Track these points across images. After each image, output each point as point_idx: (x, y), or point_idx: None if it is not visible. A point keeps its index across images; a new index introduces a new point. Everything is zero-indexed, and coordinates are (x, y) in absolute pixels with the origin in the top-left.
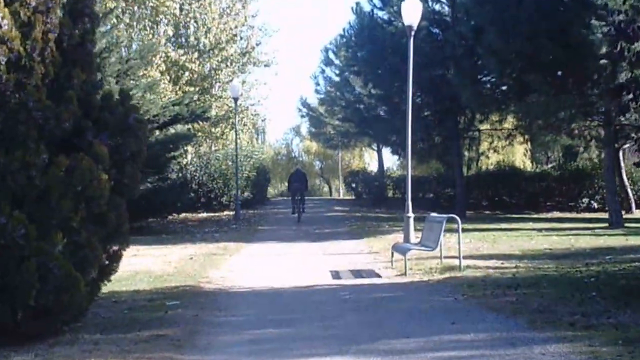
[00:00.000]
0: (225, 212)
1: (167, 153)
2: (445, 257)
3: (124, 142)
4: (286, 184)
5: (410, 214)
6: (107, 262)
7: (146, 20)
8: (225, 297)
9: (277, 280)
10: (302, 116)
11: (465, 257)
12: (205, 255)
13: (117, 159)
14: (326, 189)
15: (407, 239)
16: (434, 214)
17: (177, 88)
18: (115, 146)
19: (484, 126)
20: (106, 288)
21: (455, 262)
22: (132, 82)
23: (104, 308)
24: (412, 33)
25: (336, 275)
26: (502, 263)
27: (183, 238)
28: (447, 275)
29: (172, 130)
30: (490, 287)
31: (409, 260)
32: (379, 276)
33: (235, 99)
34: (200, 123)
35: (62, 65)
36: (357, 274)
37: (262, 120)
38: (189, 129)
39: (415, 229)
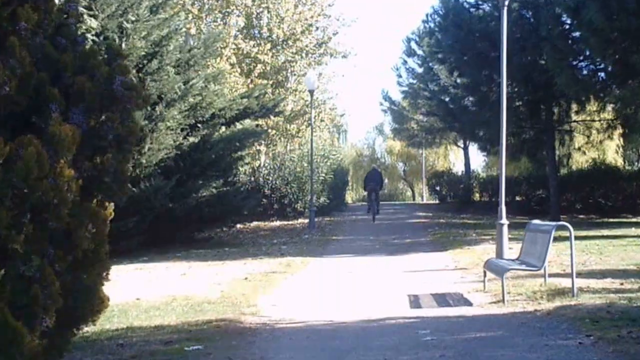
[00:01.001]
0: (300, 220)
1: (233, 152)
2: (550, 275)
3: (106, 120)
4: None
5: (504, 221)
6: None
7: (216, 12)
8: (266, 338)
9: (341, 310)
10: (384, 111)
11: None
12: (264, 274)
13: (96, 146)
14: (409, 192)
15: (500, 251)
16: (536, 221)
17: (249, 81)
18: (93, 127)
19: (581, 117)
20: (123, 322)
21: (562, 281)
22: (194, 72)
23: (101, 355)
24: (505, 5)
25: (415, 301)
26: (622, 283)
27: (246, 251)
28: (557, 303)
29: (239, 127)
30: (622, 321)
31: (497, 279)
32: (469, 303)
33: (311, 92)
34: (273, 119)
35: None
36: (442, 299)
37: (341, 116)
38: (258, 125)
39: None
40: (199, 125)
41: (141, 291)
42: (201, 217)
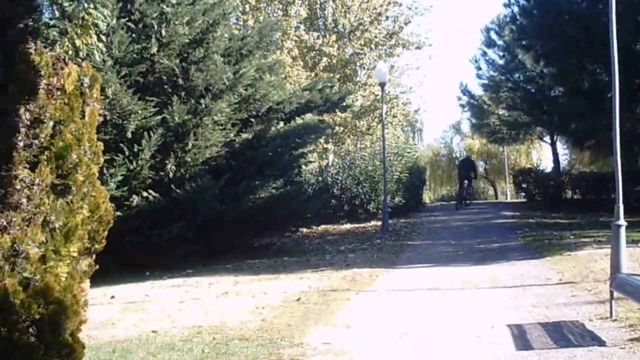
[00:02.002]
0: (372, 222)
1: (293, 150)
2: None
3: None
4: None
5: (622, 221)
6: None
7: (275, 2)
8: None
9: (418, 354)
10: (462, 106)
11: None
12: (322, 292)
13: None
14: (491, 191)
15: (617, 261)
16: None
17: (313, 75)
18: None
19: None
20: None
21: None
22: (248, 63)
23: None
24: None
25: (521, 337)
26: None
27: (307, 262)
28: None
29: (299, 122)
30: None
31: (624, 299)
32: (600, 341)
33: (382, 85)
34: (340, 114)
35: None
36: (557, 333)
37: (416, 111)
38: (322, 121)
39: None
40: (252, 120)
41: (165, 319)
42: (258, 222)
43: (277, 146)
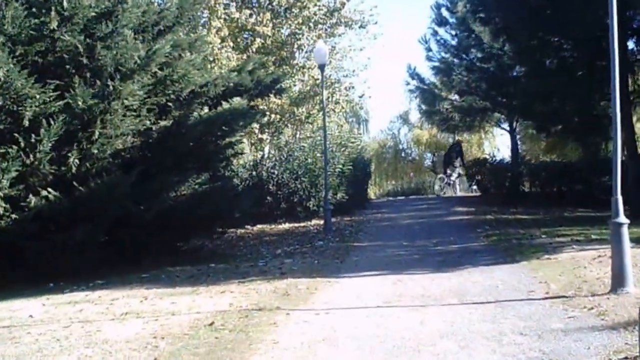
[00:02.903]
0: (314, 221)
1: (218, 139)
2: None
3: None
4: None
5: (623, 219)
6: None
7: None
8: None
9: None
10: (411, 91)
11: None
12: (244, 313)
13: None
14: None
15: (620, 269)
16: None
17: (246, 57)
18: None
19: None
20: None
21: None
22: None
23: None
24: None
25: None
26: None
27: (235, 269)
28: None
29: (226, 107)
30: None
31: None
32: None
33: (322, 67)
34: (276, 100)
35: None
36: None
37: (360, 97)
38: (254, 107)
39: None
40: (171, 104)
41: (31, 356)
42: (180, 223)
43: (198, 134)
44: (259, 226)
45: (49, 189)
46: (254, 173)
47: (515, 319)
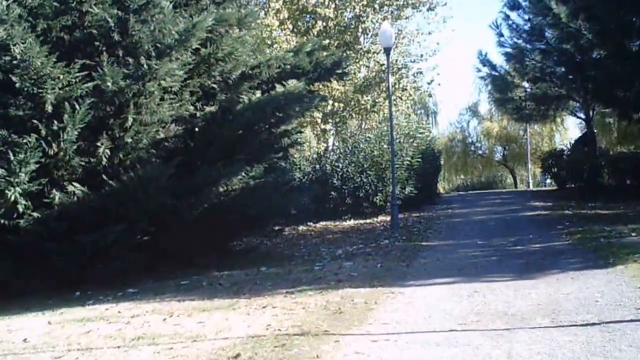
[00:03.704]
0: (380, 218)
1: (272, 127)
2: None
3: None
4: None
5: None
6: None
7: None
8: None
9: None
10: (483, 78)
11: None
12: (281, 340)
13: None
14: (509, 180)
15: None
16: None
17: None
18: None
19: None
20: None
21: None
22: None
23: None
24: None
25: None
26: None
27: (286, 275)
28: None
29: (279, 90)
30: None
31: None
32: None
33: (388, 50)
34: (339, 87)
35: None
36: None
37: (429, 84)
38: (311, 91)
39: None
40: (216, 86)
41: None
42: (230, 221)
43: (248, 121)
44: (322, 223)
45: (76, 184)
46: (317, 166)
47: (633, 350)
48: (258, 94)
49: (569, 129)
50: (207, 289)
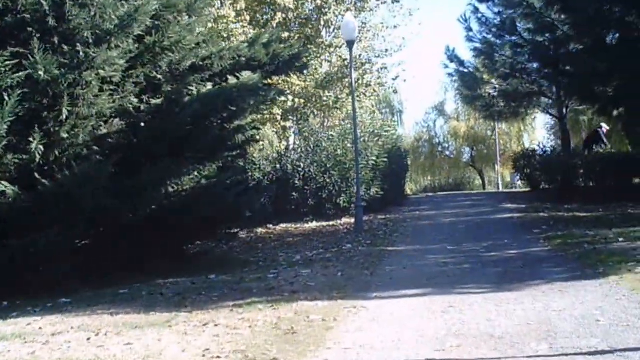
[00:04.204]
0: (344, 220)
1: (225, 122)
2: None
3: None
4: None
5: None
6: None
7: None
8: None
9: None
10: (450, 75)
11: None
12: None
13: None
14: (478, 181)
15: None
16: None
17: None
18: None
19: None
20: None
21: None
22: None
23: None
24: None
25: None
26: None
27: (237, 284)
28: None
29: (232, 82)
30: None
31: None
32: None
33: (351, 43)
34: (299, 83)
35: None
36: None
37: (394, 80)
38: (268, 84)
39: None
40: (161, 77)
41: None
42: (175, 225)
43: (196, 114)
44: (283, 225)
45: (6, 183)
46: (277, 166)
47: None
48: (209, 86)
49: (537, 129)
50: (146, 300)
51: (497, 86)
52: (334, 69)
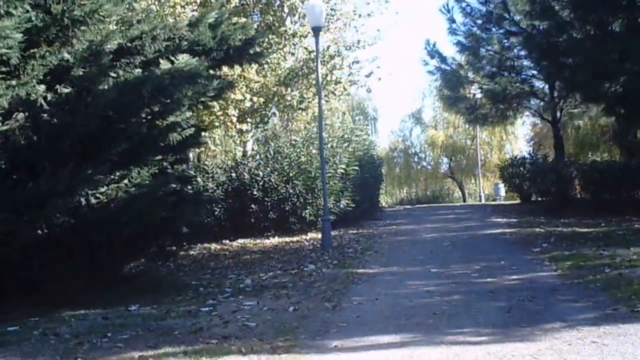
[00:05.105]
0: (311, 235)
1: (156, 117)
2: None
3: None
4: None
5: None
6: None
7: None
8: None
9: None
10: (431, 72)
11: None
12: None
13: None
14: (457, 193)
15: None
16: None
17: None
18: None
19: None
20: None
21: None
22: None
23: None
24: None
25: None
26: None
27: (159, 320)
28: None
29: (165, 67)
30: None
31: None
32: None
33: (317, 30)
34: (255, 78)
35: None
36: None
37: (367, 76)
38: (215, 76)
39: None
40: (70, 58)
41: None
42: (92, 243)
43: (113, 105)
44: (242, 241)
45: None
46: (233, 175)
47: None
48: (137, 72)
49: (519, 138)
50: (34, 344)
51: (483, 86)
52: (299, 64)
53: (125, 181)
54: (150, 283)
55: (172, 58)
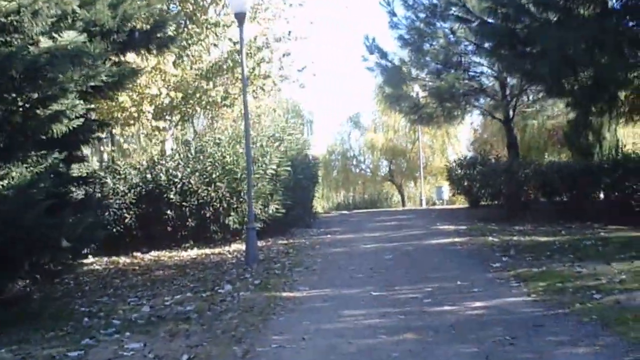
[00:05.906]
0: (235, 246)
1: (36, 106)
2: None
3: None
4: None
5: None
6: None
7: None
8: None
9: None
10: (370, 69)
11: None
12: None
13: None
14: (396, 198)
15: None
16: None
17: None
18: None
19: None
20: None
21: None
22: None
23: None
24: None
25: None
26: None
27: None
28: None
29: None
30: None
31: None
32: None
33: (240, 17)
34: (174, 72)
35: None
36: None
37: (300, 71)
38: (123, 63)
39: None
40: None
41: None
42: None
43: None
44: (156, 253)
45: None
46: (148, 176)
47: None
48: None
49: (462, 141)
50: None
51: (427, 83)
52: (223, 57)
53: (5, 182)
54: (30, 309)
55: (55, 35)
